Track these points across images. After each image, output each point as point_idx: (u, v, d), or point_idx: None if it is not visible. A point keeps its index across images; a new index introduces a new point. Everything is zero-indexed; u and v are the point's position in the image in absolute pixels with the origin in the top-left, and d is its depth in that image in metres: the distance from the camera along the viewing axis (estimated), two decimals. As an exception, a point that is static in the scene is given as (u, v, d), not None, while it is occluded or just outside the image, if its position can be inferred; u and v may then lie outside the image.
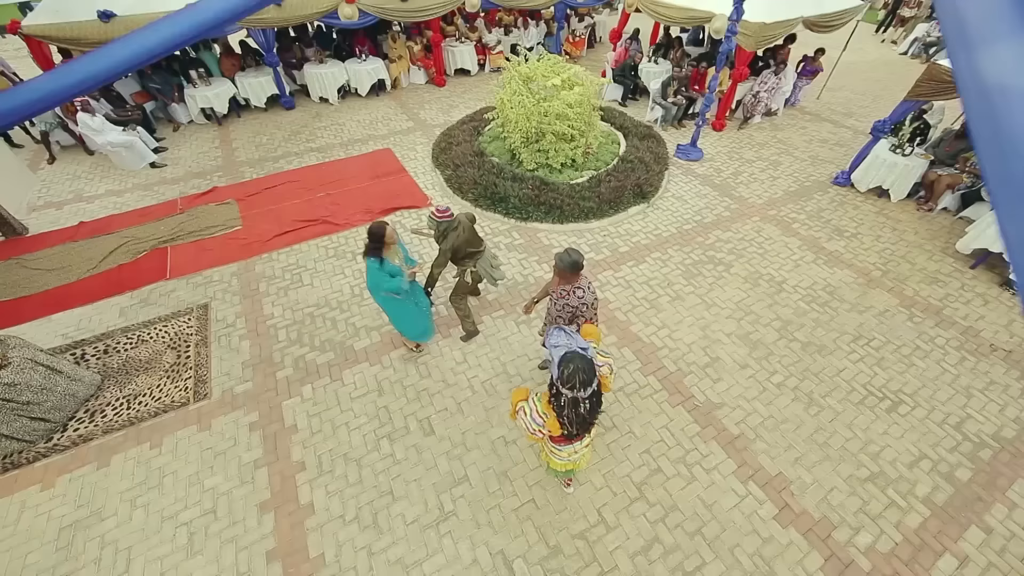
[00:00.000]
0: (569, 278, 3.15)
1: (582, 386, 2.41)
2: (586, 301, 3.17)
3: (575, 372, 2.40)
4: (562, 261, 3.05)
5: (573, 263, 3.04)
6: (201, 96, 8.00)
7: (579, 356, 2.49)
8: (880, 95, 10.26)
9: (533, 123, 6.22)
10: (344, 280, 5.22)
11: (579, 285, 3.18)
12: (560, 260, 3.06)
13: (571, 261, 3.03)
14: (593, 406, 2.54)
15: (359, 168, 7.25)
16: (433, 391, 4.08)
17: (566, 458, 2.87)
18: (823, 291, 5.18)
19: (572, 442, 2.76)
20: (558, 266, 3.08)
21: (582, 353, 2.57)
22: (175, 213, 6.24)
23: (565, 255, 3.05)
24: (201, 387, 4.08)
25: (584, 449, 2.90)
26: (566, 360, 2.46)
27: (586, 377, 2.41)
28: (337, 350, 4.43)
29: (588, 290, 3.18)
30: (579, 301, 3.17)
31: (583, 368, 2.42)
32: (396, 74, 9.73)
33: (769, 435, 3.80)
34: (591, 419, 2.60)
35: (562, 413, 2.54)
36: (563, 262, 3.05)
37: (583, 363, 2.44)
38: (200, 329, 4.62)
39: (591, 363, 2.50)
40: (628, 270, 5.40)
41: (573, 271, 3.06)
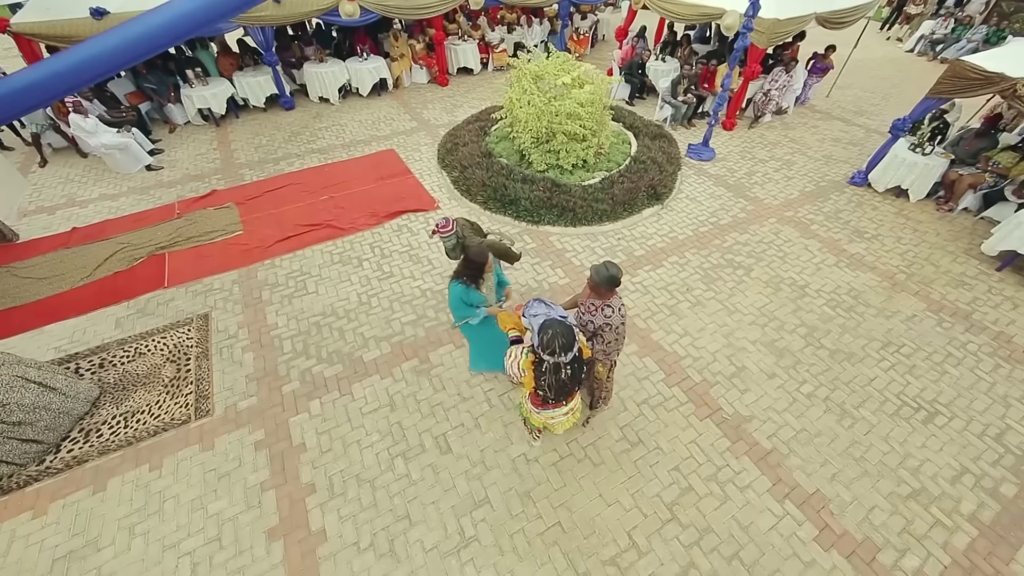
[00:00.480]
0: (602, 294, 2.94)
1: (562, 350, 2.49)
2: (611, 323, 2.94)
3: (554, 337, 2.47)
4: (598, 274, 2.85)
5: (610, 278, 2.83)
6: (198, 96, 7.76)
7: (558, 322, 2.56)
8: (890, 93, 10.13)
9: (543, 123, 6.02)
10: (351, 287, 5.01)
11: (609, 303, 2.96)
12: (596, 273, 2.86)
13: (608, 275, 2.83)
14: (575, 372, 2.63)
15: (362, 170, 7.03)
16: (448, 405, 3.88)
17: (543, 420, 3.04)
18: (847, 295, 5.00)
19: (550, 407, 2.89)
20: (593, 279, 2.88)
21: (561, 319, 2.65)
22: (172, 218, 6.01)
23: (603, 268, 2.85)
24: (203, 403, 3.86)
25: (563, 417, 2.98)
26: (544, 327, 2.53)
27: (565, 341, 2.48)
28: (346, 362, 4.22)
29: (617, 311, 2.94)
30: (604, 320, 2.96)
31: (562, 333, 2.49)
32: (398, 73, 9.51)
33: (803, 449, 3.62)
34: (572, 386, 2.70)
35: (541, 378, 2.62)
36: (599, 275, 2.84)
37: (562, 328, 2.51)
38: (200, 341, 4.40)
39: (570, 328, 2.55)
40: (645, 275, 5.21)
41: (609, 286, 2.86)
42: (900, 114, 6.36)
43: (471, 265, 3.20)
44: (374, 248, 5.55)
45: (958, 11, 12.56)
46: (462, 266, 3.25)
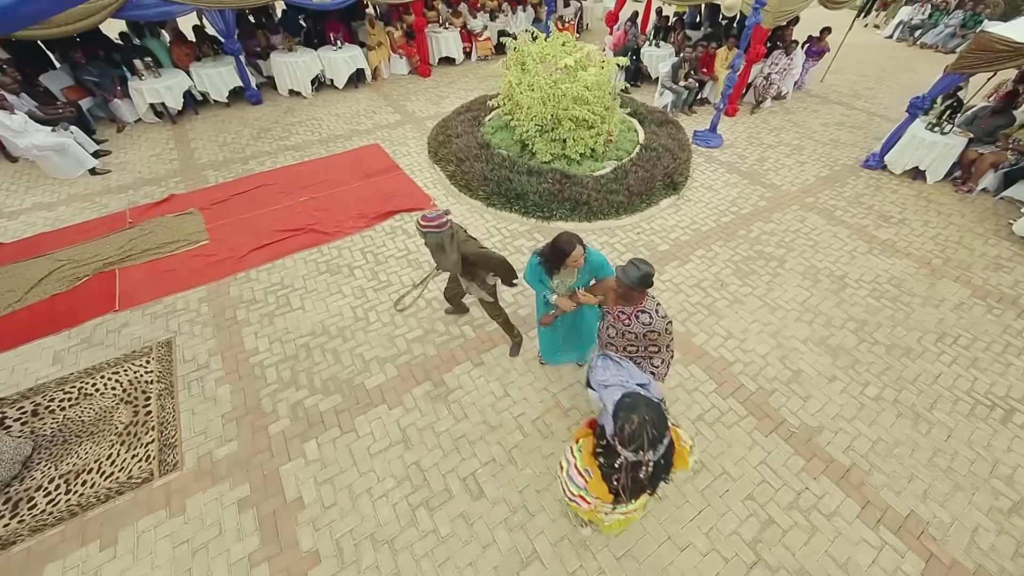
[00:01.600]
0: (634, 297, 2.42)
1: (651, 445, 1.77)
2: (655, 328, 2.44)
3: (641, 428, 1.75)
4: (628, 275, 2.31)
5: (644, 277, 2.31)
6: (149, 89, 6.82)
7: (643, 402, 1.83)
8: (881, 77, 10.05)
9: (548, 108, 5.46)
10: (343, 300, 4.31)
11: (644, 308, 2.45)
12: (625, 274, 2.32)
13: (642, 275, 2.30)
14: (658, 470, 1.86)
15: (345, 167, 6.29)
16: (474, 437, 3.25)
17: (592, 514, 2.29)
18: (888, 284, 4.64)
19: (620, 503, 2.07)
20: (623, 282, 2.34)
21: (646, 395, 1.91)
22: (124, 228, 5.14)
23: (632, 268, 2.32)
24: (168, 454, 3.11)
25: (619, 516, 2.25)
26: (627, 408, 1.81)
27: (657, 433, 1.78)
28: (344, 391, 3.54)
29: (656, 314, 2.45)
30: (645, 328, 2.45)
31: (653, 420, 1.77)
32: (376, 63, 8.77)
33: (885, 463, 3.17)
34: (652, 487, 1.94)
35: (613, 476, 1.91)
36: (630, 276, 2.31)
37: (652, 413, 1.79)
38: (163, 374, 3.62)
39: (660, 410, 1.85)
40: (674, 271, 4.72)
41: (642, 287, 2.33)
42: (895, 97, 6.14)
43: (553, 250, 2.70)
44: (366, 254, 4.86)
45: (933, -3, 12.76)
46: (548, 246, 2.75)
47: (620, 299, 2.50)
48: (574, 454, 2.19)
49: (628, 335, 2.57)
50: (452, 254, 3.00)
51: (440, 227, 2.89)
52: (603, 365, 2.32)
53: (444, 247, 2.98)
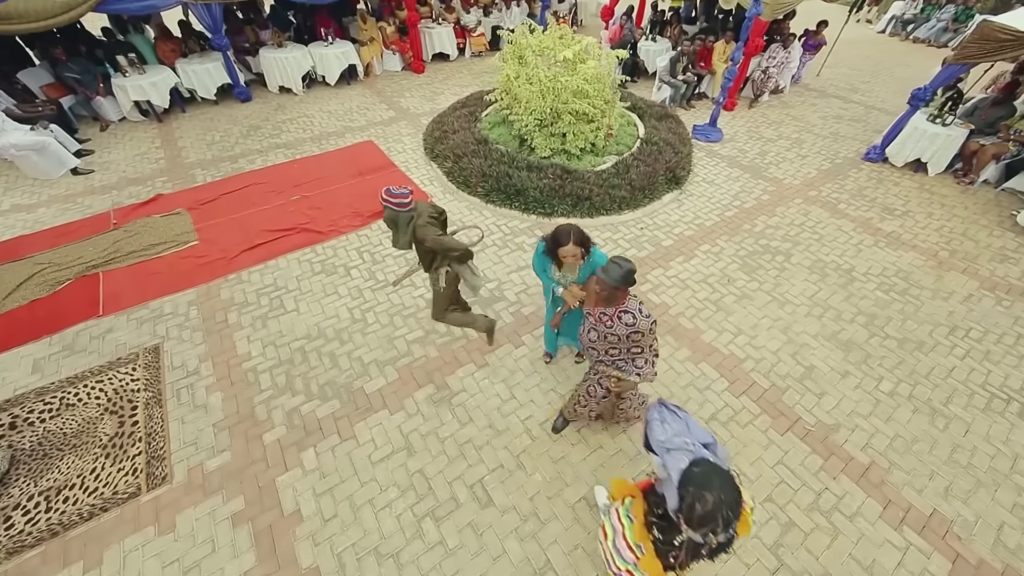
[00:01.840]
0: (617, 297, 2.27)
1: (724, 528, 1.51)
2: (639, 328, 2.29)
3: (716, 510, 1.48)
4: (610, 275, 2.16)
5: (626, 274, 2.16)
6: (134, 87, 6.59)
7: (717, 475, 1.56)
8: (876, 71, 10.05)
9: (548, 102, 5.33)
10: (339, 301, 4.15)
11: (626, 308, 2.30)
12: (607, 274, 2.17)
13: (624, 272, 2.16)
14: (722, 545, 1.65)
15: (339, 165, 6.12)
16: (480, 442, 3.11)
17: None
18: (896, 277, 4.57)
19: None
20: (605, 282, 2.19)
21: (718, 465, 1.63)
22: (108, 230, 4.93)
23: (613, 266, 2.18)
24: (157, 467, 2.94)
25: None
26: (699, 483, 1.54)
27: (732, 514, 1.51)
28: (343, 396, 3.38)
29: (640, 314, 2.29)
30: (628, 329, 2.31)
31: (729, 501, 1.50)
32: (368, 59, 8.58)
33: (904, 461, 3.08)
34: (710, 559, 1.70)
35: (670, 553, 1.71)
36: (612, 275, 2.16)
37: (727, 490, 1.52)
38: (150, 382, 3.44)
39: (734, 483, 1.57)
40: (679, 267, 4.61)
41: (625, 285, 2.19)
42: (891, 91, 6.09)
43: (551, 237, 2.62)
44: (362, 253, 4.69)
45: (924, -8, 12.82)
46: (551, 232, 2.64)
47: (602, 300, 2.32)
48: (621, 520, 1.97)
49: (611, 337, 2.40)
50: (405, 235, 2.95)
51: (400, 206, 2.83)
52: (660, 417, 1.97)
53: (399, 225, 2.93)
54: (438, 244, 2.91)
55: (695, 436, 1.81)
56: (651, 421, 1.94)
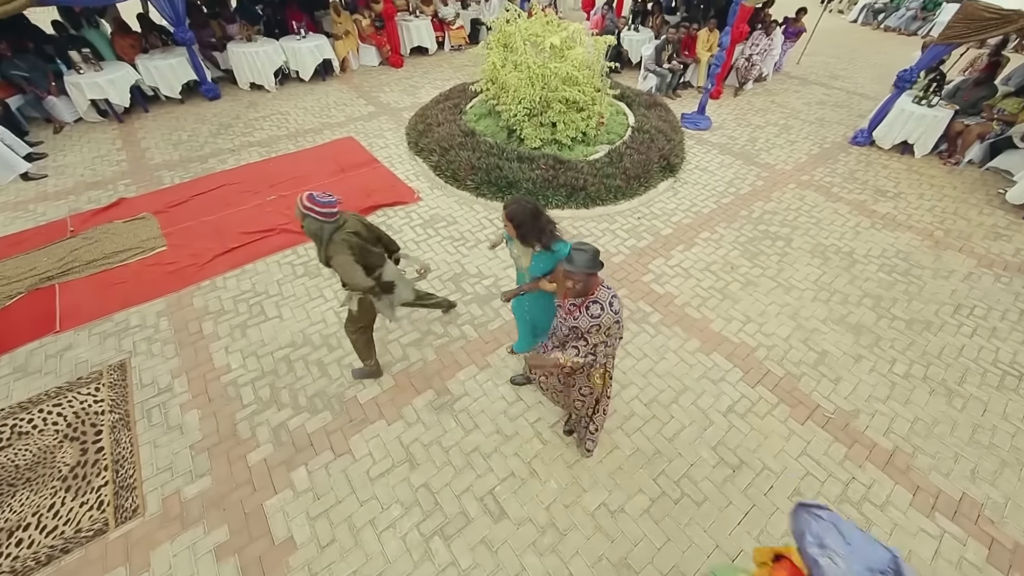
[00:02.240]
0: (589, 284, 2.09)
1: None
2: (601, 323, 2.09)
3: None
4: (576, 263, 1.98)
5: (592, 258, 1.99)
6: (90, 84, 6.11)
7: None
8: (853, 59, 10.18)
9: (537, 90, 5.12)
10: (325, 306, 3.85)
11: (596, 298, 2.11)
12: (573, 263, 1.99)
13: (588, 256, 1.98)
14: None
15: (318, 162, 5.79)
16: (488, 450, 2.88)
17: None
18: (897, 258, 4.53)
19: None
20: (569, 271, 2.01)
21: None
22: (64, 238, 4.51)
23: (577, 253, 1.99)
24: (126, 497, 2.61)
25: None
26: None
27: None
28: (334, 407, 3.11)
29: (608, 307, 2.09)
30: (591, 322, 2.12)
31: None
32: (344, 54, 8.23)
33: (927, 444, 2.98)
34: None
35: None
36: (578, 263, 1.98)
37: None
38: (116, 403, 3.10)
39: None
40: (680, 255, 4.46)
41: (593, 269, 2.01)
42: (870, 77, 6.12)
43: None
44: (348, 253, 4.40)
45: (893, -19, 13.12)
46: None
47: (574, 292, 2.13)
48: None
49: (575, 329, 2.21)
50: (321, 251, 2.53)
51: (325, 216, 2.40)
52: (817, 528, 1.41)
53: (316, 237, 2.49)
54: (341, 270, 2.52)
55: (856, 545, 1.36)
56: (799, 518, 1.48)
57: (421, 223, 4.80)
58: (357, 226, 2.62)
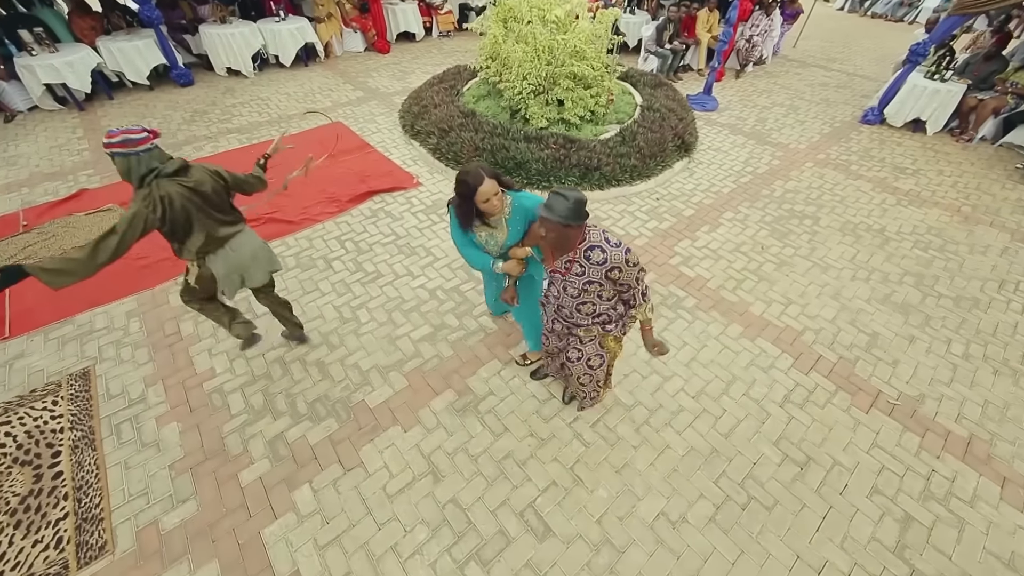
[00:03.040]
0: (571, 237, 1.79)
1: None
2: (614, 263, 1.80)
3: None
4: (554, 210, 1.69)
5: (575, 205, 1.69)
6: (44, 68, 5.50)
7: None
8: (847, 43, 10.11)
9: (543, 65, 4.76)
10: (323, 299, 3.42)
11: (593, 243, 1.82)
12: (551, 210, 1.70)
13: (572, 204, 1.69)
14: None
15: (306, 148, 5.27)
16: (522, 456, 2.50)
17: None
18: (929, 235, 4.30)
19: None
20: (550, 221, 1.71)
21: None
22: (16, 233, 3.96)
23: (557, 199, 1.70)
24: (91, 532, 2.15)
25: None
26: None
27: None
28: (340, 413, 2.68)
29: (609, 244, 1.80)
30: (602, 268, 1.82)
31: None
32: (327, 38, 7.73)
33: (1003, 430, 2.71)
34: None
35: None
36: (557, 211, 1.69)
37: None
38: (79, 418, 2.61)
39: None
40: (707, 236, 4.16)
41: (577, 221, 1.72)
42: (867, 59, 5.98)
43: (460, 187, 2.02)
44: (344, 242, 3.97)
45: (877, -31, 13.20)
46: (456, 184, 2.06)
47: (554, 247, 1.85)
48: None
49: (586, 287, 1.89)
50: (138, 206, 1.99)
51: (125, 147, 1.88)
52: None
53: (127, 180, 2.00)
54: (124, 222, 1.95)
55: None
56: None
57: (423, 209, 4.39)
58: (201, 178, 2.10)
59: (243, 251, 2.42)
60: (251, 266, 2.49)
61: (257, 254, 2.51)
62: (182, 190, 2.07)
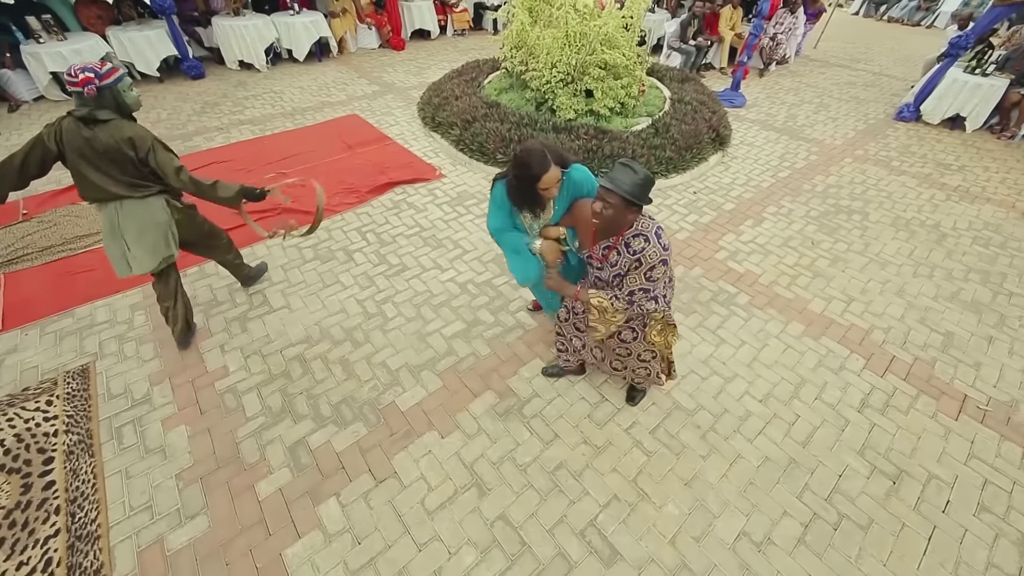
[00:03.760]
0: (625, 219, 1.60)
1: None
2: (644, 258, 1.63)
3: None
4: (617, 182, 1.53)
5: (644, 182, 1.54)
6: (52, 55, 5.31)
7: None
8: (869, 45, 9.96)
9: (573, 52, 4.54)
10: (345, 293, 3.15)
11: (637, 231, 1.63)
12: (614, 182, 1.53)
13: (641, 179, 1.54)
14: None
15: (320, 139, 5.08)
16: (577, 467, 2.20)
17: None
18: (987, 231, 4.04)
19: None
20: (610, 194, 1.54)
21: None
22: (15, 221, 3.72)
23: (624, 170, 1.55)
24: (86, 552, 1.85)
25: None
26: None
27: None
28: (368, 417, 2.39)
29: (655, 239, 1.63)
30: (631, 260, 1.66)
31: None
32: (341, 33, 7.57)
33: (1113, 440, 2.41)
34: None
35: None
36: (620, 184, 1.53)
37: None
38: (75, 420, 2.33)
39: None
40: (752, 231, 3.89)
41: (639, 200, 1.55)
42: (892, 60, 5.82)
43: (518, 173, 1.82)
44: (365, 234, 3.71)
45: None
46: (510, 167, 1.88)
47: (605, 226, 1.63)
48: None
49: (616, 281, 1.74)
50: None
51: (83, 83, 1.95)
52: None
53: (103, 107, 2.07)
54: None
55: None
56: None
57: (448, 201, 4.14)
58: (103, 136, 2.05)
59: (129, 220, 2.24)
60: (135, 243, 2.26)
61: (145, 232, 2.27)
62: (78, 135, 2.04)
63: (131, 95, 2.16)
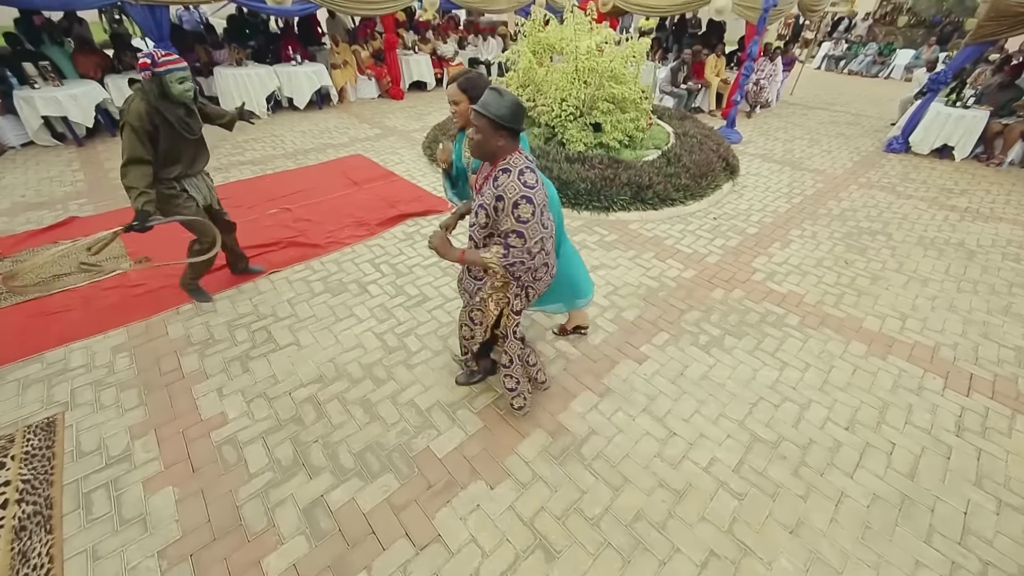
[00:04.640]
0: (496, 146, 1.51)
1: None
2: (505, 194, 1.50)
3: None
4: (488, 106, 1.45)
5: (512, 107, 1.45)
6: (46, 100, 5.16)
7: None
8: (840, 91, 10.65)
9: (580, 86, 4.61)
10: (361, 326, 2.81)
11: (505, 164, 1.54)
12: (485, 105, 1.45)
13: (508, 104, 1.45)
14: None
15: (325, 177, 4.93)
16: (657, 517, 1.82)
17: None
18: (1011, 246, 3.99)
19: None
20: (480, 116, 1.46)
21: None
22: (-15, 263, 3.35)
23: (492, 94, 1.47)
24: (30, 672, 1.36)
25: None
26: None
27: None
28: (398, 466, 1.99)
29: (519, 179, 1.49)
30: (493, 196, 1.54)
31: None
32: (341, 83, 7.71)
33: None
34: None
35: None
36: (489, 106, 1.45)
37: None
38: (32, 486, 1.87)
39: None
40: (782, 253, 3.76)
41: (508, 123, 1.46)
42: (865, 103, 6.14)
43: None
44: (379, 265, 3.44)
45: (847, 35, 14.45)
46: None
47: (479, 152, 1.54)
48: None
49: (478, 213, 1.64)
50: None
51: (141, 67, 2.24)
52: None
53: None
54: None
55: None
56: None
57: (463, 231, 3.93)
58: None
59: None
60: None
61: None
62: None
63: (178, 87, 2.27)
